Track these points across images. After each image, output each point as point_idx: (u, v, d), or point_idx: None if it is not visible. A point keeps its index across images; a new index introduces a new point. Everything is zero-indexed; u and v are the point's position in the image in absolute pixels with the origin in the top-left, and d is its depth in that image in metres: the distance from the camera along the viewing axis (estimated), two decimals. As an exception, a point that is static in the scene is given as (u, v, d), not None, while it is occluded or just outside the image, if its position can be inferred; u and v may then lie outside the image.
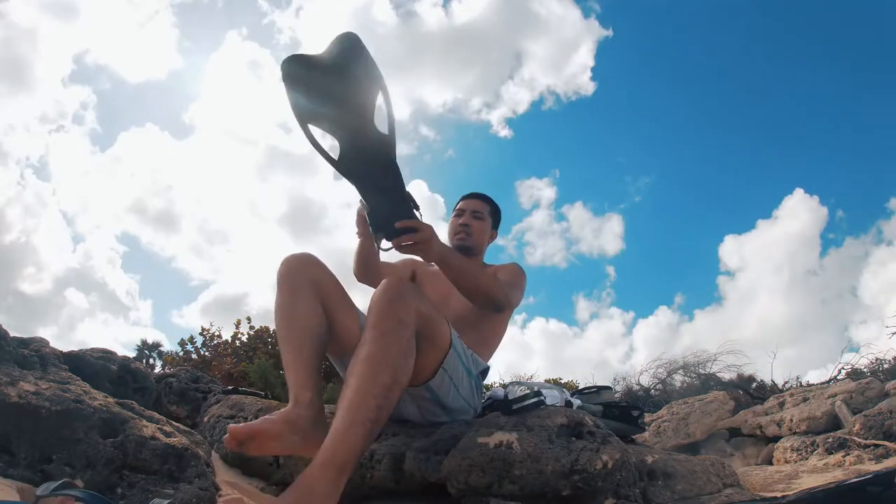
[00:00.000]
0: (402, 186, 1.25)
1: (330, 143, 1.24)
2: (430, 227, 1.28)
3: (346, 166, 1.22)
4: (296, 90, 1.20)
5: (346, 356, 1.35)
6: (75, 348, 2.19)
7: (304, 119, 1.21)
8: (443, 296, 1.71)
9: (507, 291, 1.62)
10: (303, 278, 1.35)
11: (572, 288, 14.01)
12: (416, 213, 1.26)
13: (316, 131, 1.22)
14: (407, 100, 16.83)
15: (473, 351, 1.55)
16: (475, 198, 1.94)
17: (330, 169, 1.34)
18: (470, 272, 1.47)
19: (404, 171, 1.25)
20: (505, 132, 14.80)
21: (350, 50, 1.21)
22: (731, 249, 13.92)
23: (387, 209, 1.24)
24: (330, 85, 1.20)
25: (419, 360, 1.18)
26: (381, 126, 1.23)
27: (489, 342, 1.76)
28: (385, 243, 1.26)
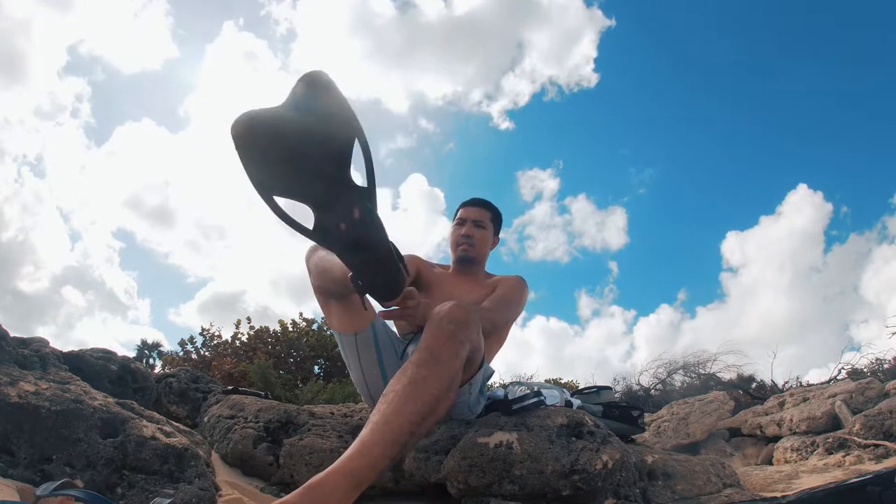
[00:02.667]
0: (387, 239, 1.11)
1: (300, 210, 1.06)
2: (423, 300, 1.27)
3: (324, 235, 1.05)
4: (254, 159, 0.99)
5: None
6: (74, 347, 2.19)
7: (267, 192, 1.02)
8: (448, 300, 1.72)
9: (494, 317, 1.62)
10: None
11: (574, 284, 13.83)
12: (402, 266, 1.14)
13: (283, 200, 1.04)
14: (406, 92, 16.72)
15: None
16: (476, 205, 1.92)
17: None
18: None
19: (403, 165, 1.15)
20: (506, 124, 14.67)
21: (316, 98, 0.98)
22: (734, 246, 13.82)
23: (373, 269, 1.10)
24: (296, 148, 0.99)
25: None
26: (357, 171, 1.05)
27: (492, 347, 1.77)
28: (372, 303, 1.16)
